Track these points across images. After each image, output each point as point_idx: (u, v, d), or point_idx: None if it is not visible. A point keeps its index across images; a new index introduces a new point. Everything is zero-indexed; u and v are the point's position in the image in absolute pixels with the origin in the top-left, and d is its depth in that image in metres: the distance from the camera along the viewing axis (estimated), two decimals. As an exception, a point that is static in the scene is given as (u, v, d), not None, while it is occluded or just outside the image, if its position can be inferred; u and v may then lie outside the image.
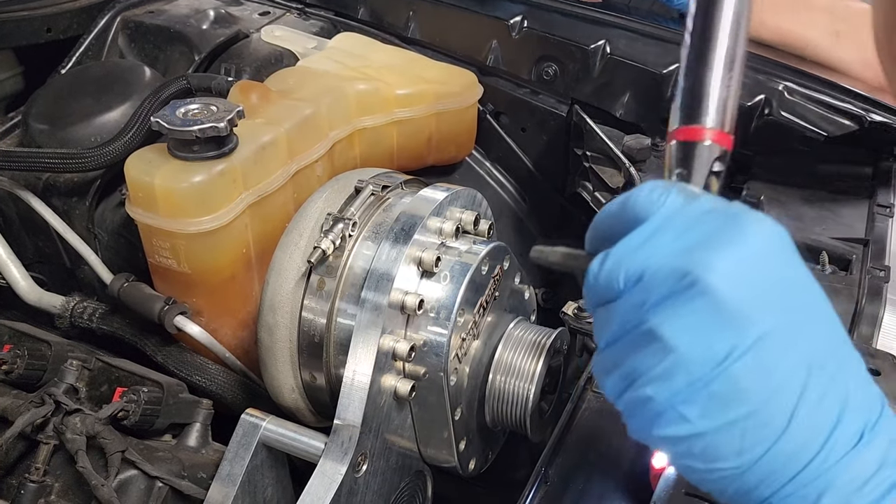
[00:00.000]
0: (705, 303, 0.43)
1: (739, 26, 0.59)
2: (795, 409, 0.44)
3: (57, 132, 1.20)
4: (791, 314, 0.45)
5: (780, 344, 0.44)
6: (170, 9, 1.59)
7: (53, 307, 1.15)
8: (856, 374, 0.47)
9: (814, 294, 0.48)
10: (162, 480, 0.87)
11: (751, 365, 0.43)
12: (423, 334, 0.92)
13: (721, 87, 0.55)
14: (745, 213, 0.47)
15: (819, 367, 0.45)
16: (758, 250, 0.45)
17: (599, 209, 1.41)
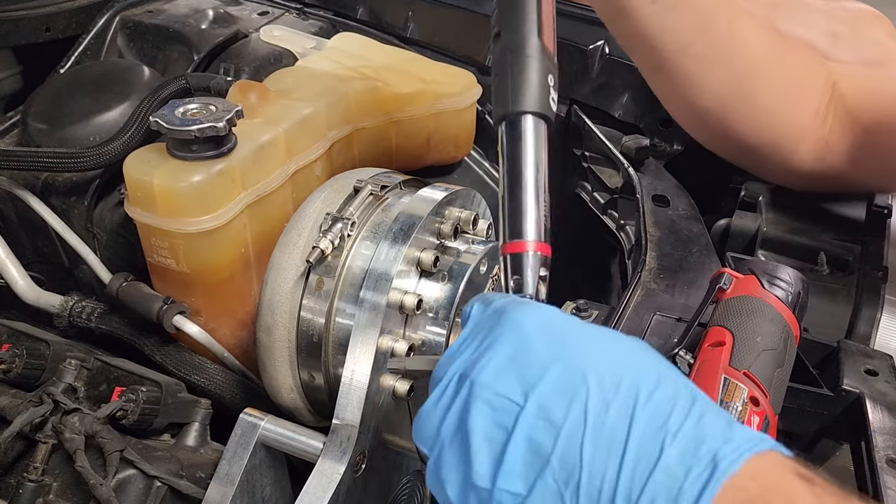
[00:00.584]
0: (479, 397, 0.51)
1: (540, 161, 0.70)
2: (582, 456, 0.47)
3: (55, 131, 1.20)
4: (542, 390, 0.49)
5: (538, 420, 0.49)
6: (169, 8, 1.59)
7: (52, 306, 1.15)
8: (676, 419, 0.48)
9: (574, 360, 0.50)
10: (160, 480, 0.87)
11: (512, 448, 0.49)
12: (422, 334, 0.92)
13: (535, 208, 0.67)
14: (515, 309, 0.55)
15: (589, 429, 0.48)
16: (515, 340, 0.52)
17: (598, 209, 1.43)
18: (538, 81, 0.72)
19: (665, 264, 1.12)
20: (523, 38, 0.72)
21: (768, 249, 1.16)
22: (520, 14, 0.73)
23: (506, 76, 0.73)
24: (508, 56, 0.73)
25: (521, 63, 0.72)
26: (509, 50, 0.73)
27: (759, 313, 0.87)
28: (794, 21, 1.46)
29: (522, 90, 0.72)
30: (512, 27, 0.73)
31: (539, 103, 0.72)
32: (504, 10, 0.75)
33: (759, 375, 0.80)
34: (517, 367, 0.51)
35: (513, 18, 0.73)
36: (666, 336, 0.98)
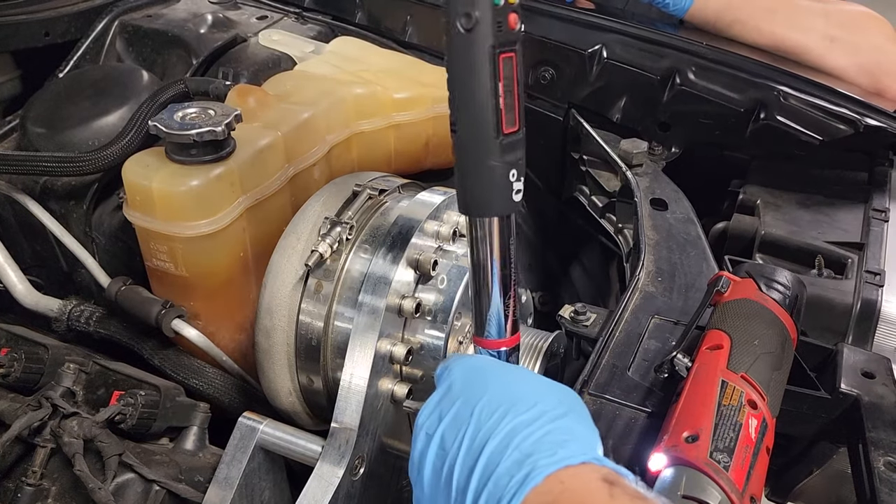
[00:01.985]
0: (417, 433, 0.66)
1: (505, 254, 0.71)
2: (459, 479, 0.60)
3: (55, 135, 1.20)
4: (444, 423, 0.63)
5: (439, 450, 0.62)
6: (167, 13, 1.59)
7: (50, 310, 1.15)
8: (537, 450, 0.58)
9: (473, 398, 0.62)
10: (159, 484, 0.87)
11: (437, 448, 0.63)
12: (421, 337, 0.93)
13: (500, 306, 0.72)
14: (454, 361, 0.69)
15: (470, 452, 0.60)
16: (445, 387, 0.66)
17: (596, 212, 1.43)
18: (501, 185, 0.66)
19: (663, 267, 1.12)
20: (482, 137, 0.65)
21: (766, 253, 1.16)
22: (476, 107, 0.64)
23: (464, 176, 0.67)
24: (466, 159, 0.67)
25: (479, 169, 0.66)
26: (466, 151, 0.67)
27: (757, 316, 0.88)
28: (791, 24, 1.47)
29: (484, 195, 0.67)
30: (468, 122, 0.65)
31: (502, 207, 0.68)
32: (458, 100, 0.65)
33: (757, 378, 0.80)
34: (439, 407, 0.64)
35: (469, 112, 0.65)
36: (664, 339, 0.98)
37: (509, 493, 0.55)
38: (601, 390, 0.91)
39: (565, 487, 0.54)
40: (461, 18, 0.61)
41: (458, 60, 0.63)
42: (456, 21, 0.61)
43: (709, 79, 1.41)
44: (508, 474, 0.56)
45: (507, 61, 0.62)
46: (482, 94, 0.63)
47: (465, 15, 0.60)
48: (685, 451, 0.72)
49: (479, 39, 0.61)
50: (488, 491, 0.56)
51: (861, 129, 1.28)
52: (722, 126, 1.39)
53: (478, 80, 0.63)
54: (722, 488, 0.69)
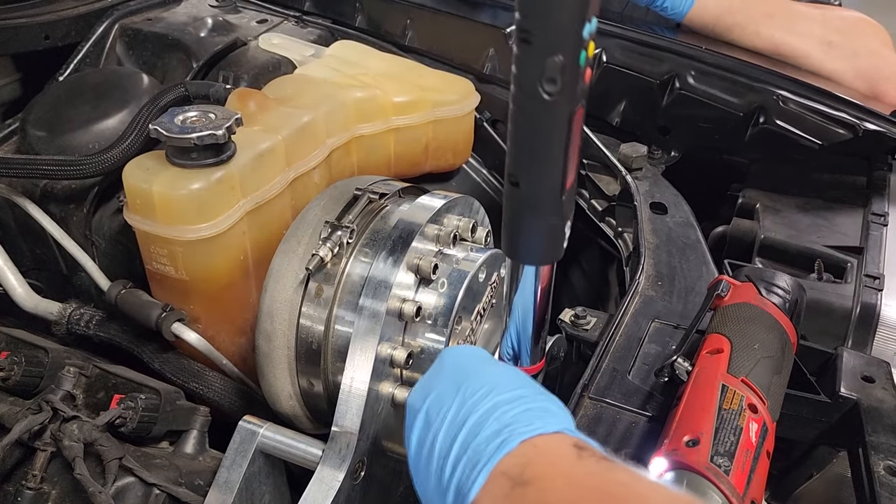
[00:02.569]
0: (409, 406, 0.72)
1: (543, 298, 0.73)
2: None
3: (55, 139, 1.20)
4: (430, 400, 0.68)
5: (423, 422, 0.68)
6: (168, 16, 1.60)
7: (50, 314, 1.15)
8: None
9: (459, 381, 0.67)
10: (159, 487, 0.87)
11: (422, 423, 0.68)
12: (421, 341, 0.93)
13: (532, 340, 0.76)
14: (446, 351, 0.74)
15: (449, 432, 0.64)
16: (433, 371, 0.72)
17: (596, 216, 1.43)
18: (555, 238, 0.64)
19: (663, 271, 1.12)
20: (548, 196, 0.61)
21: (766, 257, 1.16)
22: (546, 167, 0.60)
23: (519, 228, 0.64)
24: (526, 212, 0.63)
25: (540, 223, 0.63)
26: (529, 207, 0.62)
27: (757, 320, 0.88)
28: (789, 29, 1.47)
29: (536, 246, 0.65)
30: (535, 180, 0.61)
31: (550, 256, 0.67)
32: (526, 158, 0.60)
33: (757, 382, 0.80)
34: (427, 385, 0.70)
35: (537, 171, 0.60)
36: (664, 343, 0.98)
37: (486, 456, 0.59)
38: (601, 394, 0.91)
39: (538, 451, 0.58)
40: (545, 84, 0.55)
41: (533, 123, 0.58)
42: (538, 86, 0.55)
43: (708, 83, 1.41)
44: (486, 441, 0.60)
45: (579, 119, 0.59)
46: (555, 156, 0.59)
47: (549, 80, 0.55)
48: (686, 455, 0.72)
49: (560, 105, 0.56)
50: (467, 457, 0.60)
51: (860, 134, 1.29)
52: (721, 130, 1.39)
53: (553, 143, 0.59)
54: (723, 492, 0.69)
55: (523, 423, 0.60)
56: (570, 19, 0.52)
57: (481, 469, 0.58)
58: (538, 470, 0.57)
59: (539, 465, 0.57)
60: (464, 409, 0.64)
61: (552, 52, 0.53)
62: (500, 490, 0.57)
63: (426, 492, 0.65)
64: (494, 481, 0.58)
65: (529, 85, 0.55)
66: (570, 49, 0.54)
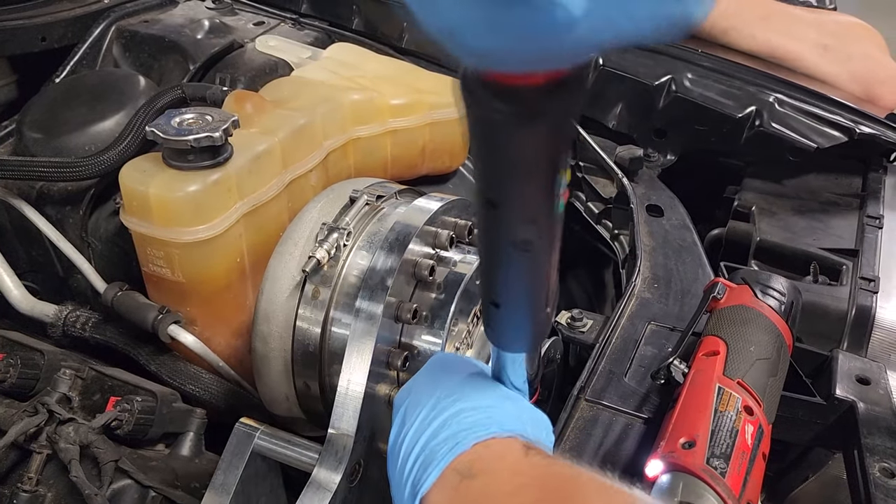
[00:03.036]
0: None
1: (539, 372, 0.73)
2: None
3: (51, 141, 1.20)
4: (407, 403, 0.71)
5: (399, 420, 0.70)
6: (164, 18, 1.60)
7: (46, 316, 1.14)
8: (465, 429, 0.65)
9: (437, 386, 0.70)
10: (155, 490, 0.87)
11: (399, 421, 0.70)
12: (418, 343, 0.93)
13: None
14: (433, 360, 0.76)
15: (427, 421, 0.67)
16: (418, 377, 0.74)
17: (592, 218, 1.43)
18: (539, 331, 0.63)
19: (659, 274, 1.12)
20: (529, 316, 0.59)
21: (761, 259, 1.16)
22: (529, 296, 0.56)
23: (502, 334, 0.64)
24: (508, 328, 0.62)
25: (522, 331, 0.62)
26: (512, 329, 0.62)
27: (753, 323, 0.88)
28: (785, 32, 1.48)
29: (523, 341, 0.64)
30: (516, 308, 0.58)
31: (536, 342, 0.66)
32: (504, 289, 0.57)
33: (753, 384, 0.81)
34: (411, 387, 0.72)
35: (517, 300, 0.57)
36: (660, 345, 0.99)
37: (440, 455, 0.63)
38: (598, 396, 0.91)
39: (489, 450, 0.62)
40: (520, 245, 0.50)
41: (510, 273, 0.54)
42: (510, 248, 0.50)
43: (704, 86, 1.41)
44: (443, 442, 0.64)
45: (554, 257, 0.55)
46: (537, 288, 0.56)
47: (523, 242, 0.49)
48: (682, 457, 0.72)
49: (539, 254, 0.51)
50: (424, 455, 0.64)
51: (855, 137, 1.29)
52: (717, 133, 1.40)
53: (534, 281, 0.55)
54: (719, 494, 0.69)
55: (481, 427, 0.64)
56: (542, 188, 0.45)
57: (435, 466, 0.63)
58: (485, 465, 0.61)
59: (487, 461, 0.61)
60: (433, 413, 0.67)
61: (524, 219, 0.48)
62: (450, 483, 0.61)
63: (392, 491, 0.69)
64: (445, 477, 0.62)
65: (502, 245, 0.50)
66: (546, 212, 0.47)
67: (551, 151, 0.43)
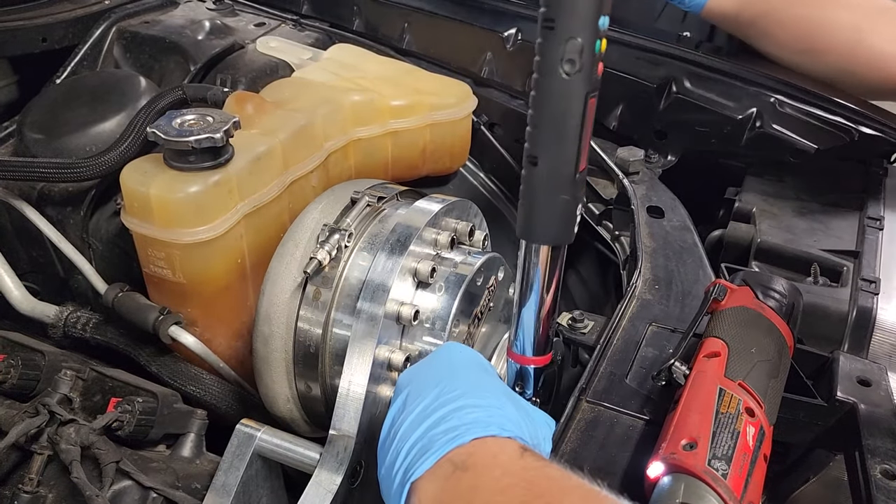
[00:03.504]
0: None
1: (551, 283, 0.76)
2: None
3: (52, 142, 1.20)
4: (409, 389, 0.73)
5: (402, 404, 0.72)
6: (165, 19, 1.60)
7: (47, 317, 1.14)
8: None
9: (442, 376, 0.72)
10: (156, 491, 0.87)
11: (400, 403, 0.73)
12: (419, 345, 0.93)
13: (534, 329, 0.80)
14: (441, 348, 0.80)
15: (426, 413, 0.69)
16: (425, 363, 0.76)
17: (593, 220, 1.43)
18: (568, 217, 0.70)
19: (660, 275, 1.12)
20: (563, 173, 0.67)
21: (762, 260, 1.16)
22: (563, 145, 0.66)
23: (534, 206, 0.70)
24: (543, 190, 0.69)
25: (555, 201, 0.69)
26: (545, 184, 0.68)
27: (754, 324, 0.88)
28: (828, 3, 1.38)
29: (550, 225, 0.70)
30: (552, 158, 0.67)
31: (563, 237, 0.72)
32: (545, 137, 0.67)
33: (754, 386, 0.81)
34: (417, 371, 0.75)
35: (555, 149, 0.67)
36: (661, 347, 0.99)
37: (438, 445, 0.64)
38: (599, 398, 0.91)
39: (486, 446, 0.64)
40: (565, 64, 0.63)
41: (553, 102, 0.65)
42: (558, 66, 0.63)
43: (705, 87, 1.41)
44: (443, 433, 0.65)
45: (592, 106, 0.66)
46: (571, 135, 0.66)
47: (569, 61, 0.63)
48: (683, 458, 0.72)
49: (578, 85, 0.64)
50: (422, 443, 0.66)
51: (856, 138, 1.29)
52: (718, 134, 1.40)
53: (570, 122, 0.65)
54: (720, 496, 0.69)
55: (482, 425, 0.65)
56: (589, 8, 0.61)
57: (431, 455, 0.64)
58: (480, 460, 0.63)
59: (482, 456, 0.63)
60: (435, 403, 0.69)
61: (572, 35, 0.61)
62: (442, 473, 0.63)
63: (381, 471, 0.70)
64: (439, 466, 0.64)
65: (551, 67, 0.63)
66: (588, 34, 0.62)
67: None
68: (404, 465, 0.66)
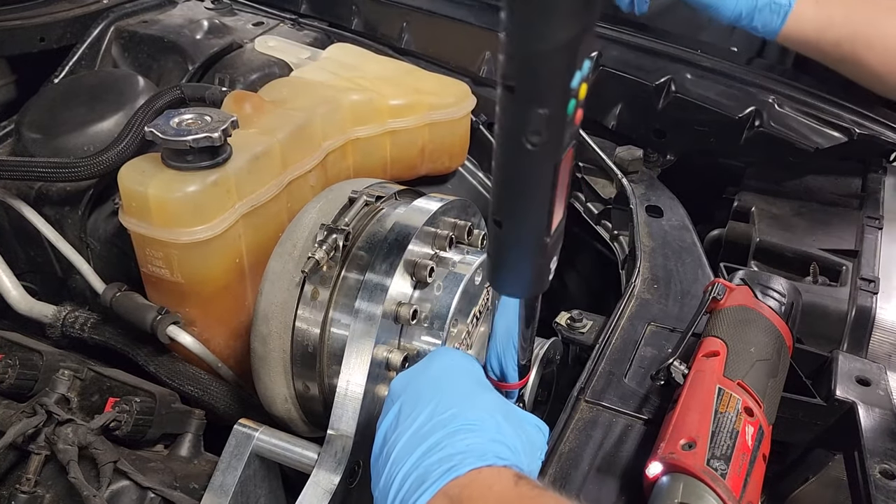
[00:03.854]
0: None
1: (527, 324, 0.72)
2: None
3: (50, 141, 1.20)
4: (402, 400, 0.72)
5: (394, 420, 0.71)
6: (163, 19, 1.60)
7: (45, 316, 1.14)
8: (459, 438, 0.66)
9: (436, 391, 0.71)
10: (154, 491, 0.87)
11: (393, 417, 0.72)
12: (417, 344, 0.92)
13: (514, 360, 0.76)
14: (436, 354, 0.77)
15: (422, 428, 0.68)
16: (419, 371, 0.75)
17: (592, 219, 1.43)
18: (538, 275, 0.63)
19: (659, 275, 1.12)
20: (532, 238, 0.59)
21: (761, 260, 1.16)
22: (530, 212, 0.57)
23: (502, 267, 0.63)
24: (510, 252, 0.61)
25: (524, 263, 0.62)
26: (513, 248, 0.61)
27: (753, 324, 0.88)
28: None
29: (520, 281, 0.64)
30: (518, 224, 0.59)
31: (536, 289, 0.66)
32: (509, 203, 0.58)
33: (754, 386, 0.80)
34: (410, 377, 0.74)
35: (521, 216, 0.58)
36: (660, 346, 0.99)
37: (433, 477, 0.63)
38: (597, 397, 0.91)
39: (480, 476, 0.63)
40: (530, 135, 0.52)
41: (516, 170, 0.56)
42: (521, 137, 0.52)
43: (704, 86, 1.41)
44: (438, 463, 0.64)
45: (566, 165, 0.55)
46: (539, 203, 0.57)
47: (534, 132, 0.52)
48: (682, 458, 0.72)
49: (546, 155, 0.53)
50: (417, 473, 0.65)
51: (855, 137, 1.29)
52: (717, 133, 1.40)
53: (536, 190, 0.56)
54: (719, 496, 0.69)
55: (477, 455, 0.64)
56: (556, 72, 0.48)
57: (427, 488, 0.63)
58: (474, 492, 0.62)
59: (476, 488, 0.62)
60: (429, 424, 0.68)
61: (536, 104, 0.50)
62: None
63: (376, 488, 0.70)
64: (435, 500, 0.63)
65: (513, 134, 0.52)
66: (556, 102, 0.50)
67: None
68: (400, 495, 0.65)
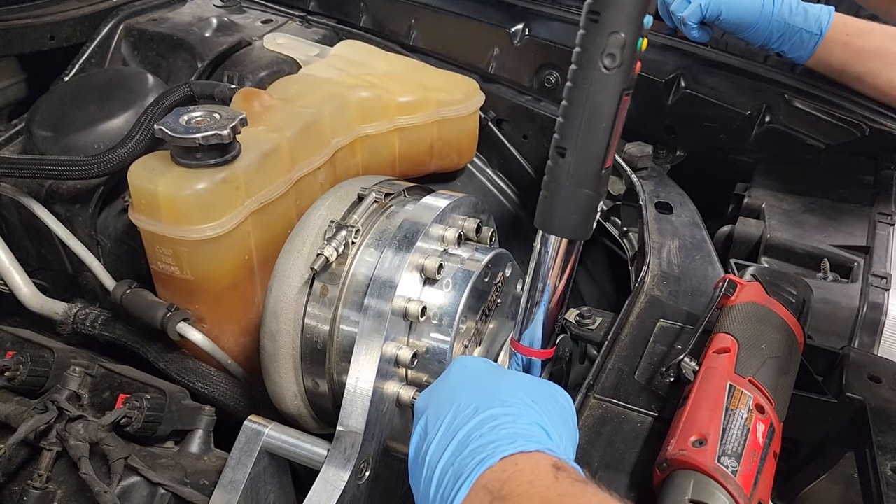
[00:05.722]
0: None
1: (563, 277, 0.76)
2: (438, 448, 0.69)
3: (60, 139, 1.21)
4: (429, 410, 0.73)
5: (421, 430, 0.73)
6: (173, 17, 1.60)
7: (56, 314, 1.15)
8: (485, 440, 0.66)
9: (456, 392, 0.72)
10: (164, 487, 0.87)
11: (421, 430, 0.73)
12: (426, 341, 0.92)
13: (542, 323, 0.79)
14: (451, 366, 0.78)
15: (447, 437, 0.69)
16: (439, 383, 0.76)
17: (601, 216, 1.42)
18: (588, 211, 0.69)
19: (668, 271, 1.12)
20: (590, 167, 0.67)
21: (772, 256, 1.16)
22: (593, 139, 0.66)
23: (556, 197, 0.70)
24: (567, 182, 0.68)
25: (578, 194, 0.68)
26: (570, 177, 0.68)
27: (764, 320, 0.87)
28: None
29: (569, 218, 0.70)
30: (581, 150, 0.67)
31: (581, 231, 0.71)
32: (577, 129, 0.66)
33: (765, 382, 0.80)
34: (431, 394, 0.75)
35: (585, 142, 0.66)
36: (670, 343, 0.98)
37: (468, 469, 0.63)
38: (607, 394, 0.91)
39: (518, 468, 0.62)
40: (605, 58, 0.63)
41: (589, 95, 0.65)
42: (598, 60, 0.63)
43: (714, 83, 1.41)
44: (471, 456, 0.64)
45: (625, 104, 0.65)
46: (603, 130, 0.66)
47: (609, 55, 0.63)
48: (693, 455, 0.72)
49: (616, 80, 0.64)
50: (453, 469, 0.65)
51: (866, 133, 1.28)
52: (727, 129, 1.39)
53: (603, 116, 0.65)
54: (730, 493, 0.69)
55: (507, 441, 0.64)
56: (636, 5, 0.61)
57: (464, 481, 0.63)
58: (516, 487, 0.61)
59: (517, 483, 0.61)
60: (455, 423, 0.68)
61: (616, 29, 0.62)
62: (481, 502, 0.61)
63: (417, 496, 0.70)
64: (476, 494, 0.62)
65: (591, 59, 0.63)
66: (632, 30, 0.62)
67: None
68: (440, 494, 0.65)
